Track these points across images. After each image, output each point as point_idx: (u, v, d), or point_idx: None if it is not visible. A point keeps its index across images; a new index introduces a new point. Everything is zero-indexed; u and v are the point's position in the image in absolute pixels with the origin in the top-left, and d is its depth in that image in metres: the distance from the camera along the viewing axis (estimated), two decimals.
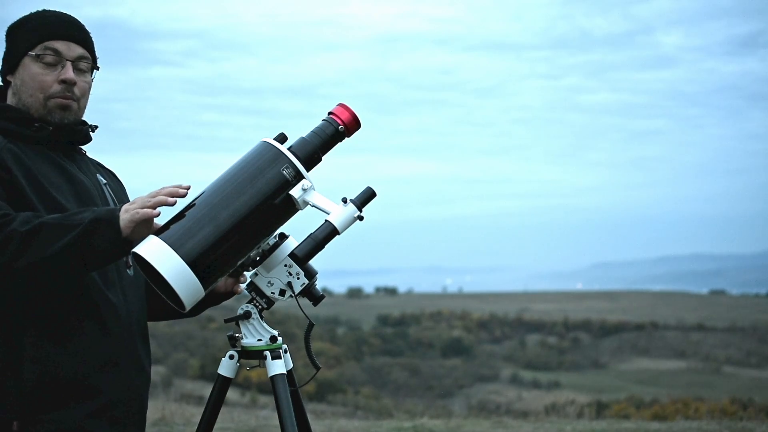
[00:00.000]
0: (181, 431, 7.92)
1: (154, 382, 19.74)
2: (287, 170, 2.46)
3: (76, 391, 2.42)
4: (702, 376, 58.24)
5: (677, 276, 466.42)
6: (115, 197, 2.64)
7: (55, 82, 2.51)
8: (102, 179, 2.66)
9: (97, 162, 2.74)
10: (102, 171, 2.72)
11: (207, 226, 2.39)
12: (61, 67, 2.53)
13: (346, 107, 2.57)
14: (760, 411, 10.57)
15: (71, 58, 2.54)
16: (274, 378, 2.62)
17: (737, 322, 77.88)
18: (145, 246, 2.36)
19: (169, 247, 2.35)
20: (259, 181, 2.43)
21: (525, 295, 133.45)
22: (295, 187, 2.46)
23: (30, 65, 2.52)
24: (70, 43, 2.55)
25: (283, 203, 2.46)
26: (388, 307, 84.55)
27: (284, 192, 2.45)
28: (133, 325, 2.57)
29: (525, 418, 9.62)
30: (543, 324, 79.04)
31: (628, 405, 23.28)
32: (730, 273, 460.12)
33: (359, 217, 2.50)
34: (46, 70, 2.52)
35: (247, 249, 2.49)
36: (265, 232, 2.51)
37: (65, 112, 2.54)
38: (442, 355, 62.14)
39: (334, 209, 2.50)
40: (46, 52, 2.51)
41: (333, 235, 2.50)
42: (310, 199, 2.49)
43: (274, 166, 2.45)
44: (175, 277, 2.35)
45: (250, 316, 2.65)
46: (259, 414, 10.01)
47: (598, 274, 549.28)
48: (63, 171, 2.51)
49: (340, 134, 2.56)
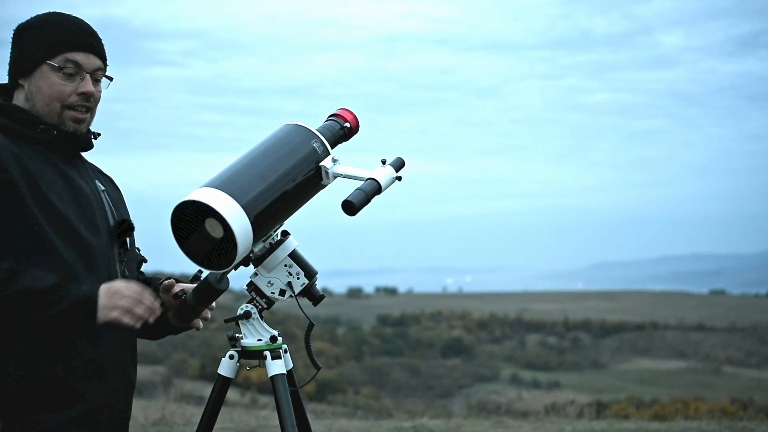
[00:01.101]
0: (181, 431, 7.92)
1: (154, 382, 19.70)
2: (317, 144, 2.63)
3: (61, 396, 2.41)
4: (702, 376, 58.26)
5: (677, 276, 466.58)
6: (112, 204, 2.62)
7: (74, 93, 2.50)
8: (100, 186, 2.63)
9: (96, 168, 2.73)
10: (101, 177, 2.70)
11: (261, 186, 2.49)
12: (80, 79, 2.50)
13: (349, 110, 2.75)
14: (760, 411, 10.57)
15: (90, 71, 2.52)
16: (274, 378, 2.62)
17: (737, 322, 77.87)
18: (217, 199, 2.42)
19: (234, 200, 2.43)
20: (298, 153, 2.59)
21: (525, 295, 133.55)
22: (325, 159, 2.62)
23: (49, 74, 2.49)
24: (90, 54, 2.53)
25: (315, 175, 2.60)
26: (388, 307, 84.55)
27: (317, 164, 2.60)
28: (123, 332, 2.54)
29: (525, 418, 9.60)
30: (543, 324, 79.02)
31: (628, 405, 23.29)
32: (730, 273, 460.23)
33: (398, 177, 2.63)
34: (66, 81, 2.49)
35: (287, 214, 2.62)
36: (301, 202, 2.63)
37: (80, 124, 2.53)
38: (442, 355, 62.14)
39: (373, 171, 2.61)
40: (68, 65, 2.49)
41: (378, 191, 2.57)
42: (341, 169, 2.62)
43: (307, 141, 2.63)
44: (240, 230, 2.43)
45: (250, 316, 2.66)
46: (259, 414, 10.01)
47: (598, 274, 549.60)
48: (63, 175, 2.49)
49: (344, 133, 2.74)
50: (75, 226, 2.44)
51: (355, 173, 2.62)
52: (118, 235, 2.58)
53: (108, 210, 2.59)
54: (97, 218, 2.52)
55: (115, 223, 2.58)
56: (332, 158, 2.63)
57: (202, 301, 2.61)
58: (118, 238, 2.58)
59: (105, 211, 2.57)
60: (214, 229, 2.44)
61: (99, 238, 2.50)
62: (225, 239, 2.43)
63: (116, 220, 2.59)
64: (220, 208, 2.40)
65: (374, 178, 2.57)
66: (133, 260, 2.68)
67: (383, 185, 2.58)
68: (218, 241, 2.44)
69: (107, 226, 2.55)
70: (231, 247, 2.43)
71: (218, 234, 2.43)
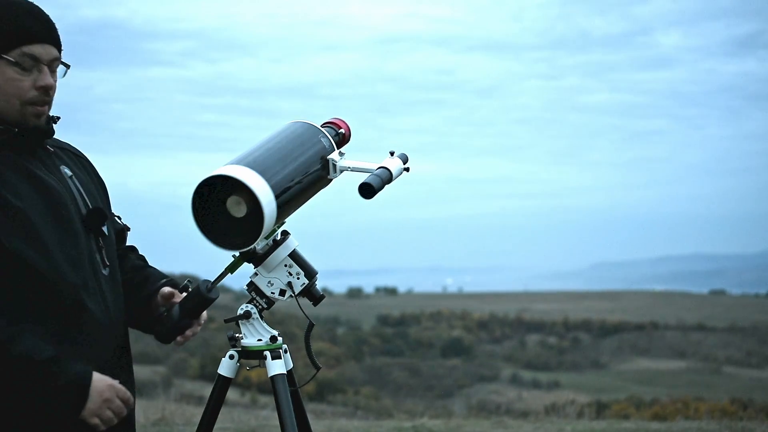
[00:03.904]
0: (181, 431, 7.92)
1: (154, 382, 19.63)
2: (324, 139, 2.71)
3: None
4: (702, 376, 58.21)
5: (677, 276, 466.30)
6: (82, 188, 2.52)
7: (32, 88, 2.39)
8: (67, 172, 2.52)
9: (65, 147, 2.61)
10: (70, 160, 2.58)
11: (284, 171, 2.54)
12: (38, 71, 2.40)
13: (342, 120, 2.85)
14: (760, 411, 10.59)
15: (47, 62, 2.42)
16: (274, 378, 2.62)
17: (737, 322, 77.83)
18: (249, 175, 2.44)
19: (263, 178, 2.46)
20: (309, 145, 2.66)
21: (525, 295, 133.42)
22: (332, 153, 2.69)
23: (4, 69, 2.38)
24: (47, 45, 2.42)
25: (323, 168, 2.67)
26: (388, 307, 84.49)
27: (324, 158, 2.67)
28: (116, 333, 2.49)
29: (525, 418, 9.61)
30: (543, 324, 78.99)
31: (628, 405, 23.25)
32: (730, 273, 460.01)
33: (406, 168, 2.71)
34: (23, 75, 2.38)
35: (297, 206, 2.65)
36: (309, 195, 2.67)
37: (40, 118, 2.43)
38: (442, 355, 62.11)
39: (383, 162, 2.67)
40: (24, 59, 2.38)
41: (389, 179, 2.62)
42: (348, 163, 2.69)
43: (315, 135, 2.70)
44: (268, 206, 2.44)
45: (250, 316, 2.66)
46: (259, 414, 10.02)
47: (598, 274, 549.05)
48: (29, 176, 2.38)
49: (339, 140, 2.80)
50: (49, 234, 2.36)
51: (362, 166, 2.68)
52: (92, 226, 2.49)
53: (78, 197, 2.49)
54: (72, 214, 2.44)
55: (87, 214, 2.48)
56: (339, 152, 2.70)
57: (193, 314, 2.54)
58: (92, 229, 2.49)
59: (76, 201, 2.48)
60: (237, 207, 2.46)
61: (78, 237, 2.43)
62: (247, 218, 2.45)
63: (88, 209, 2.50)
64: (251, 183, 2.42)
65: (385, 167, 2.63)
66: (111, 244, 2.58)
67: (394, 174, 2.64)
68: (238, 221, 2.46)
69: (80, 217, 2.47)
70: (254, 227, 2.45)
71: (240, 212, 2.46)
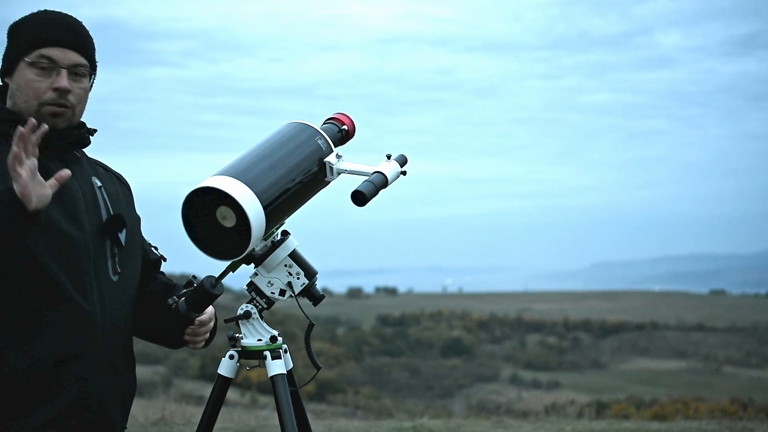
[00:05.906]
0: (181, 431, 7.92)
1: (154, 382, 19.66)
2: (321, 141, 2.67)
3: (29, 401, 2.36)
4: (702, 376, 58.20)
5: (677, 276, 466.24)
6: (109, 200, 2.57)
7: (49, 89, 2.46)
8: (97, 182, 2.57)
9: (99, 164, 2.68)
10: (101, 173, 2.64)
11: (272, 177, 2.51)
12: (56, 74, 2.47)
13: (346, 114, 2.80)
14: (760, 411, 10.57)
15: (66, 66, 2.48)
16: (274, 378, 2.62)
17: (737, 322, 77.84)
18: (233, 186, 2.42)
19: (248, 187, 2.44)
20: (304, 148, 2.63)
21: (525, 295, 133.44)
22: (329, 155, 2.66)
23: (25, 71, 2.47)
24: (66, 49, 2.48)
25: (320, 171, 2.64)
26: (388, 307, 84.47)
27: (321, 160, 2.64)
28: (109, 334, 2.49)
29: (525, 418, 9.60)
30: (543, 324, 78.99)
31: (628, 405, 23.26)
32: (730, 273, 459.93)
33: (403, 172, 2.68)
34: (41, 77, 2.46)
35: (293, 209, 2.64)
36: (306, 197, 2.66)
37: (57, 119, 2.48)
38: (442, 355, 62.11)
39: (379, 166, 2.64)
40: (41, 60, 2.46)
41: (385, 184, 2.60)
42: (345, 165, 2.66)
43: (312, 137, 2.67)
44: (255, 217, 2.42)
45: (250, 316, 2.66)
46: (259, 414, 10.02)
47: (598, 274, 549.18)
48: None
49: (342, 136, 2.78)
50: (53, 219, 2.39)
51: (360, 168, 2.66)
52: (107, 230, 2.51)
53: (102, 206, 2.53)
54: (80, 213, 2.47)
55: (106, 219, 2.52)
56: (336, 155, 2.67)
57: (196, 308, 2.57)
58: (107, 233, 2.51)
59: (99, 208, 2.52)
60: (226, 218, 2.45)
61: (82, 232, 2.45)
62: (237, 228, 2.44)
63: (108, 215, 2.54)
64: (235, 194, 2.41)
65: (381, 172, 2.60)
66: (131, 257, 2.61)
67: (390, 178, 2.61)
68: (228, 230, 2.45)
69: (98, 222, 2.50)
70: (243, 237, 2.44)
71: (230, 223, 2.45)
